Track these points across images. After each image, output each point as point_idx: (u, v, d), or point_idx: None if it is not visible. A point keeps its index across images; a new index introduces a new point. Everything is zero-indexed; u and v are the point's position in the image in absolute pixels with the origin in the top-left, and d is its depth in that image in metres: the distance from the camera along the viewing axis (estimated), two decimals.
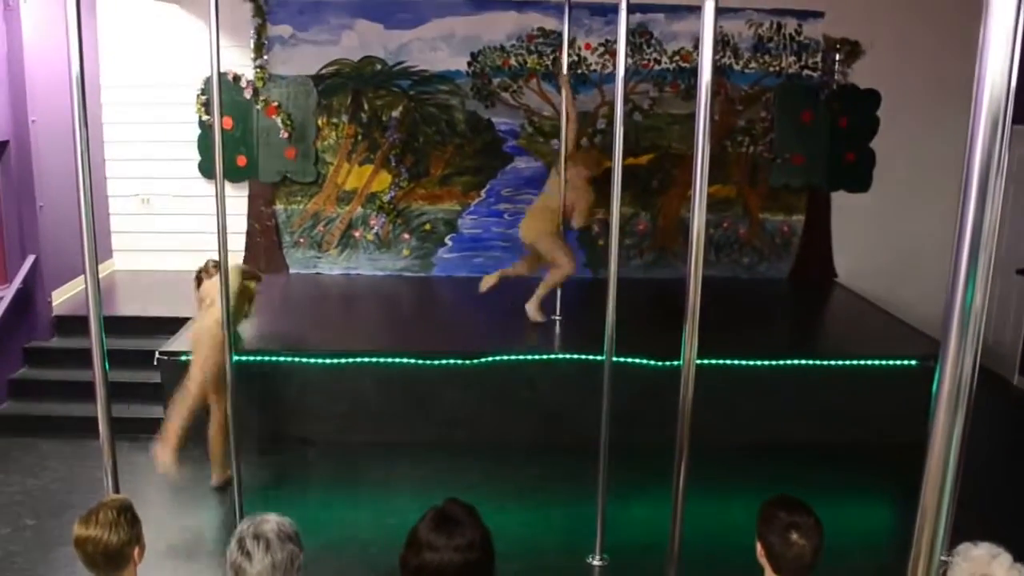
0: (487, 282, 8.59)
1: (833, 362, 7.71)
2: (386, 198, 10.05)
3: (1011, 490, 6.90)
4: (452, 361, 7.60)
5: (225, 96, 9.21)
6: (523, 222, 8.58)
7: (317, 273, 10.24)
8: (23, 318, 8.19)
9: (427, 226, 10.17)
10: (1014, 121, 5.43)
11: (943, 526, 1.73)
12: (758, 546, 3.19)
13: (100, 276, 4.04)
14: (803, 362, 7.73)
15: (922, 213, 9.67)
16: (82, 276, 4.02)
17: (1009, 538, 3.14)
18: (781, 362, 7.70)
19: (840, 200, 10.36)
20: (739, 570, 3.45)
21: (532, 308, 8.49)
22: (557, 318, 8.53)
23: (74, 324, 8.24)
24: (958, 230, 1.59)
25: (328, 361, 7.49)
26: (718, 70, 9.65)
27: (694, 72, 3.70)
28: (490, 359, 7.61)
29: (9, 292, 7.92)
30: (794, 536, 3.07)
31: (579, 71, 9.76)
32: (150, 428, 7.54)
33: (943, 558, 3.09)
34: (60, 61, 4.17)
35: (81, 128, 3.78)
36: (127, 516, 3.24)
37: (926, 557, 1.77)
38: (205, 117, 9.68)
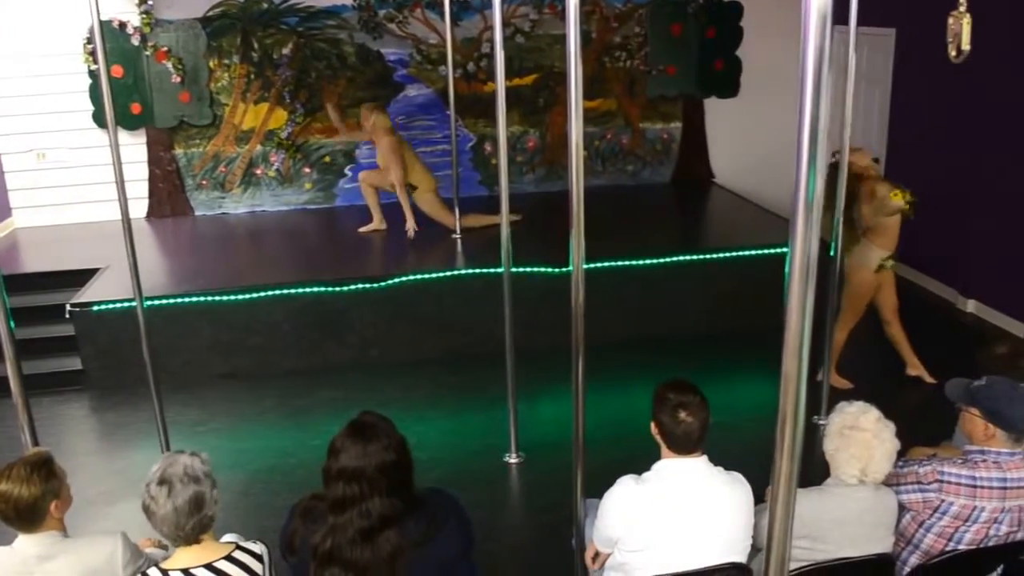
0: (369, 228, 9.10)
1: (713, 255, 8.06)
2: (284, 134, 10.10)
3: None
4: (361, 286, 7.72)
5: (112, 44, 9.16)
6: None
7: (223, 213, 10.27)
8: None
9: (326, 158, 10.29)
10: (858, 23, 6.02)
11: (803, 388, 1.88)
12: (652, 426, 3.45)
13: None
14: (687, 257, 8.06)
15: (784, 113, 9.99)
16: None
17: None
18: (667, 259, 7.99)
19: (712, 106, 10.81)
20: (640, 450, 3.66)
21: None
22: (457, 236, 8.80)
23: None
24: (799, 121, 1.70)
25: (241, 297, 7.55)
26: None
27: None
28: (397, 280, 7.76)
29: None
30: (682, 414, 3.32)
31: None
32: (71, 381, 7.49)
33: (821, 421, 3.55)
34: None
35: None
36: (43, 471, 3.18)
37: (792, 417, 1.92)
38: (93, 66, 9.38)
